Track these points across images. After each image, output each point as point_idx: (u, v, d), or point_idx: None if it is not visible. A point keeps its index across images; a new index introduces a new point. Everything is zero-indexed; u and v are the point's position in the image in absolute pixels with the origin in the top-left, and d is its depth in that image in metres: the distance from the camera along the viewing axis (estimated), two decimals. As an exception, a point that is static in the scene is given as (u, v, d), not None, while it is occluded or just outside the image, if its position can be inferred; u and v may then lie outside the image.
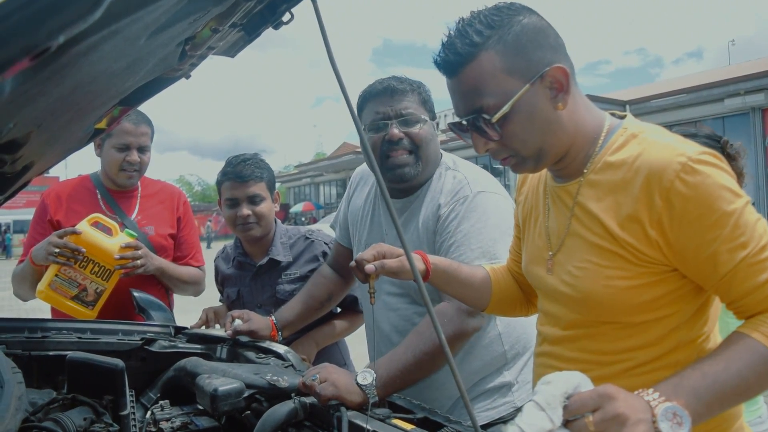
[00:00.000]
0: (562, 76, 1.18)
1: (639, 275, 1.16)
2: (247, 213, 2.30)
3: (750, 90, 18.70)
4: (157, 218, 2.75)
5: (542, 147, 1.22)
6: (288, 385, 1.54)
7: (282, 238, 2.43)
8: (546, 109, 1.19)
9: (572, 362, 1.27)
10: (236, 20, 1.19)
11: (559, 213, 1.30)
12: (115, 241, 2.42)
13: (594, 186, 1.22)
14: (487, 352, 1.82)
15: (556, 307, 1.32)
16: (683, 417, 0.94)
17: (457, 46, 1.18)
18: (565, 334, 1.31)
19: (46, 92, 0.79)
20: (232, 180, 2.31)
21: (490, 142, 1.22)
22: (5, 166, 1.18)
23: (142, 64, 1.13)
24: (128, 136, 2.60)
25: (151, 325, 2.20)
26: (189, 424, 1.64)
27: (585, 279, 1.21)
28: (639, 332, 1.21)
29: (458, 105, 1.24)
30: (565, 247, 1.27)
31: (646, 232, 1.13)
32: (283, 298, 2.32)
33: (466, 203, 1.77)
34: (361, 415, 1.34)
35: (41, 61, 0.57)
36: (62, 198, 2.68)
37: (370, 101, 1.86)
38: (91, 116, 1.39)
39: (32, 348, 1.85)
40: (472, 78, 1.18)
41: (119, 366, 1.48)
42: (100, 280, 2.42)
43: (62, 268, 2.38)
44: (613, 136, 1.23)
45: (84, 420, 1.37)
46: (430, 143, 1.85)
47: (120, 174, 2.65)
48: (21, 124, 0.90)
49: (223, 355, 2.01)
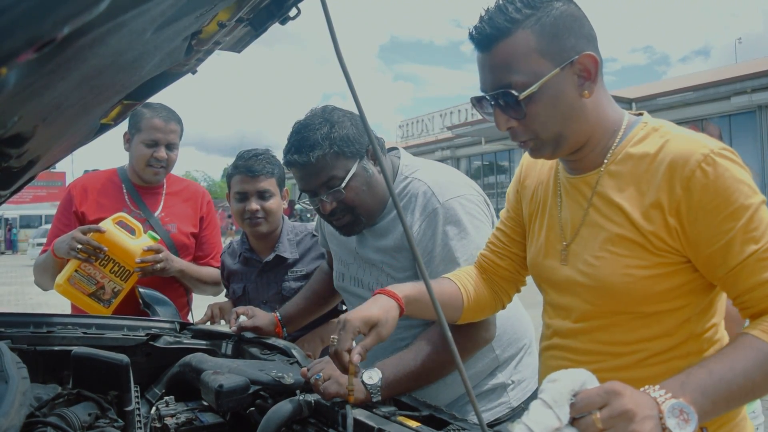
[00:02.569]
0: (591, 65, 1.20)
1: (657, 265, 1.18)
2: (256, 208, 2.30)
3: (757, 88, 18.61)
4: (181, 216, 2.77)
5: (562, 132, 1.23)
6: (293, 382, 1.54)
7: (289, 234, 2.43)
8: (571, 96, 1.20)
9: (585, 354, 1.28)
10: (243, 15, 1.18)
11: (573, 204, 1.31)
12: (137, 242, 2.45)
13: (615, 176, 1.24)
14: (478, 360, 1.79)
15: (569, 299, 1.32)
16: (690, 414, 0.94)
17: (495, 20, 1.19)
18: (577, 327, 1.31)
19: (51, 85, 0.79)
20: (242, 174, 2.30)
21: (512, 120, 1.23)
22: (11, 161, 1.17)
23: (149, 59, 1.13)
24: (157, 132, 2.62)
25: (156, 320, 2.20)
26: (194, 420, 1.64)
27: (603, 268, 1.22)
28: (652, 323, 1.22)
29: (486, 80, 1.24)
30: (581, 237, 1.28)
31: (666, 220, 1.15)
32: (288, 295, 2.32)
33: (438, 217, 1.68)
34: (366, 413, 1.34)
35: (46, 54, 0.56)
36: (88, 190, 2.71)
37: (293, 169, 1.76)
38: (97, 111, 1.39)
39: (37, 343, 1.85)
40: (505, 53, 1.19)
41: (124, 361, 1.48)
42: (118, 279, 2.45)
43: (82, 264, 2.41)
44: (634, 129, 1.25)
45: (89, 415, 1.37)
46: (365, 195, 1.73)
47: (147, 169, 2.66)
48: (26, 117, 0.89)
49: (228, 351, 2.01)
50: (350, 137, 1.70)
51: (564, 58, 1.18)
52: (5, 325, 1.89)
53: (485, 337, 1.67)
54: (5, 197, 1.61)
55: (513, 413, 1.80)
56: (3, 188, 1.49)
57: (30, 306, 11.42)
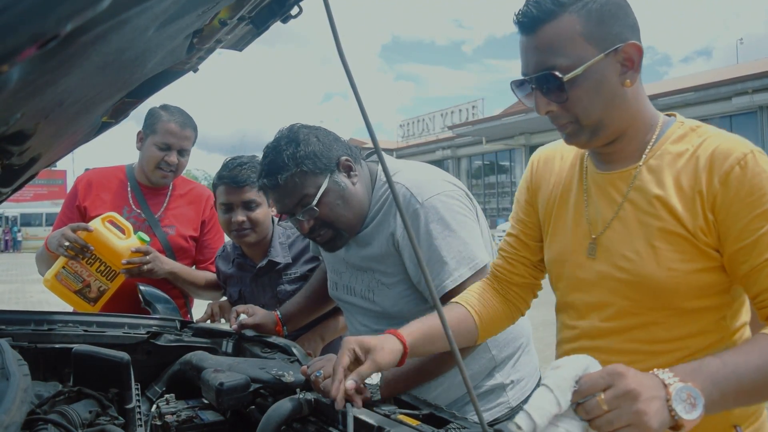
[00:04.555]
0: (635, 54, 1.21)
1: (700, 259, 1.19)
2: (242, 219, 2.25)
3: (758, 89, 18.61)
4: (182, 219, 2.73)
5: (602, 119, 1.23)
6: (293, 380, 1.54)
7: (280, 238, 2.40)
8: (613, 83, 1.21)
9: (622, 354, 1.26)
10: (244, 13, 1.18)
11: (604, 200, 1.31)
12: (125, 243, 2.44)
13: (654, 171, 1.24)
14: (474, 362, 1.77)
15: (602, 296, 1.30)
16: (697, 399, 0.93)
17: (542, 3, 1.20)
18: (612, 325, 1.30)
19: (53, 83, 0.79)
20: (227, 184, 2.25)
21: (553, 104, 1.24)
22: (12, 158, 1.17)
23: (151, 56, 1.13)
24: (171, 137, 2.59)
25: (157, 318, 2.20)
26: (194, 418, 1.64)
27: (645, 263, 1.22)
28: (691, 320, 1.22)
29: (529, 62, 1.25)
30: (613, 231, 1.28)
31: (705, 215, 1.17)
32: (284, 298, 2.30)
33: (419, 218, 1.65)
34: (366, 411, 1.34)
35: (49, 51, 0.56)
36: (93, 185, 2.70)
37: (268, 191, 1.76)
38: (99, 108, 1.39)
39: (38, 340, 1.85)
40: (550, 36, 1.20)
41: (125, 359, 1.48)
42: (104, 279, 2.44)
43: (70, 261, 2.40)
44: (671, 127, 1.27)
45: (89, 413, 1.37)
46: (341, 209, 1.72)
47: (155, 172, 2.64)
48: (28, 114, 0.90)
49: (229, 350, 2.01)
50: (317, 153, 1.69)
51: (609, 45, 1.19)
52: (6, 322, 1.89)
53: None
54: (6, 195, 1.62)
55: (512, 413, 1.80)
56: (4, 186, 1.49)
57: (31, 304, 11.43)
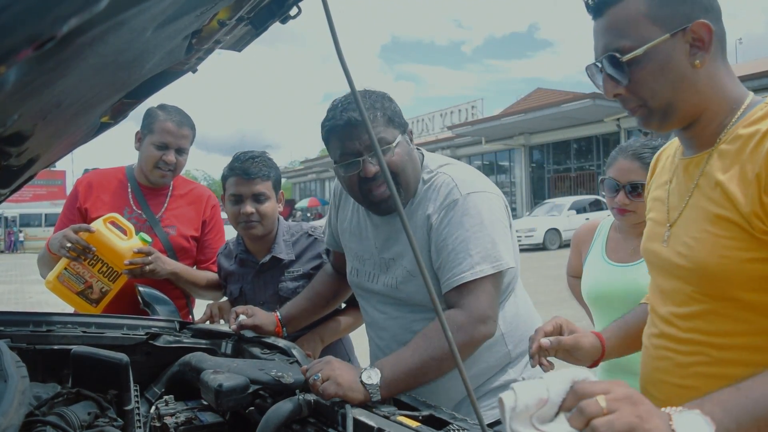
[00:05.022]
0: (705, 33, 1.17)
1: (754, 247, 1.13)
2: (251, 211, 2.28)
3: (757, 88, 18.61)
4: (182, 219, 2.73)
5: (671, 102, 1.21)
6: (293, 381, 1.54)
7: (285, 235, 2.42)
8: (682, 64, 1.18)
9: (685, 344, 1.25)
10: (243, 14, 1.18)
11: (680, 186, 1.30)
12: (127, 244, 2.44)
13: (723, 156, 1.20)
14: (491, 354, 1.79)
15: (672, 283, 1.30)
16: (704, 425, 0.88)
17: None
18: (678, 311, 1.28)
19: (51, 84, 0.79)
20: (238, 176, 2.29)
21: (619, 87, 1.23)
22: (10, 159, 1.17)
23: (149, 57, 1.13)
24: (169, 135, 2.60)
25: (156, 319, 2.20)
26: (193, 419, 1.64)
27: (700, 249, 1.20)
28: (757, 315, 1.17)
29: (597, 45, 1.25)
30: (683, 219, 1.27)
31: (761, 198, 1.11)
32: (285, 295, 2.32)
33: (457, 207, 1.69)
34: (365, 412, 1.34)
35: (46, 52, 0.56)
36: (93, 187, 2.70)
37: (334, 135, 1.74)
38: (98, 109, 1.39)
39: (37, 342, 1.85)
40: (615, 18, 1.20)
41: (124, 360, 1.48)
42: (106, 280, 2.44)
43: (72, 262, 2.41)
44: (753, 109, 1.21)
45: (88, 414, 1.37)
46: (407, 164, 1.75)
47: (154, 171, 2.64)
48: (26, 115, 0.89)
49: (228, 351, 2.00)
50: (397, 112, 1.78)
51: (676, 25, 1.16)
52: (5, 323, 1.89)
53: (482, 332, 1.62)
54: (5, 196, 1.61)
55: None
56: (3, 187, 1.49)
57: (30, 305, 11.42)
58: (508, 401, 0.88)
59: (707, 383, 1.12)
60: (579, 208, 20.03)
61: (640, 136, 2.17)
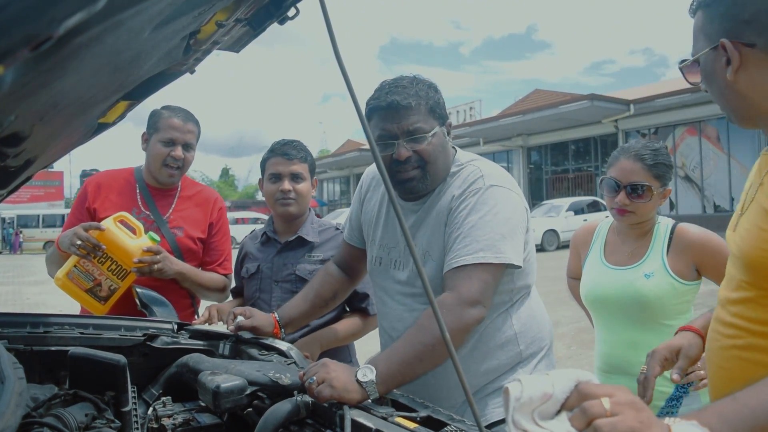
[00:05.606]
0: (731, 51, 1.23)
1: None
2: (289, 188, 2.47)
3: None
4: (189, 221, 2.77)
5: (724, 106, 1.33)
6: (290, 383, 1.54)
7: (313, 223, 2.58)
8: (720, 76, 1.28)
9: (727, 326, 1.34)
10: (241, 15, 1.18)
11: (754, 179, 1.38)
12: (136, 242, 2.47)
13: None
14: (503, 352, 1.83)
15: (730, 268, 1.39)
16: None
17: None
18: (730, 297, 1.36)
19: (48, 84, 0.78)
20: (278, 156, 2.50)
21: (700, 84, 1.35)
22: (7, 160, 1.17)
23: (146, 58, 1.12)
24: (174, 131, 2.65)
25: (154, 321, 2.19)
26: (191, 421, 1.64)
27: (749, 240, 1.27)
28: None
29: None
30: (748, 210, 1.34)
31: None
32: (302, 275, 2.43)
33: (478, 195, 1.75)
34: (364, 413, 1.33)
35: (43, 52, 0.56)
36: (102, 187, 2.74)
37: (376, 114, 1.81)
38: (95, 110, 1.38)
39: (34, 343, 1.85)
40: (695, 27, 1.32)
41: (121, 362, 1.47)
42: (115, 278, 2.48)
43: (81, 260, 2.44)
44: None
45: (86, 416, 1.37)
46: (439, 155, 1.82)
47: (162, 170, 2.68)
48: (23, 116, 0.89)
49: (226, 352, 2.00)
50: (440, 104, 1.85)
51: (713, 41, 1.26)
52: (2, 324, 1.88)
53: (472, 314, 1.62)
54: (2, 197, 1.61)
55: None
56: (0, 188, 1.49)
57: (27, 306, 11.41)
58: (514, 391, 0.89)
59: (742, 367, 1.24)
60: (577, 210, 20.07)
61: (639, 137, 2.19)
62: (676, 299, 2.16)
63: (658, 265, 2.17)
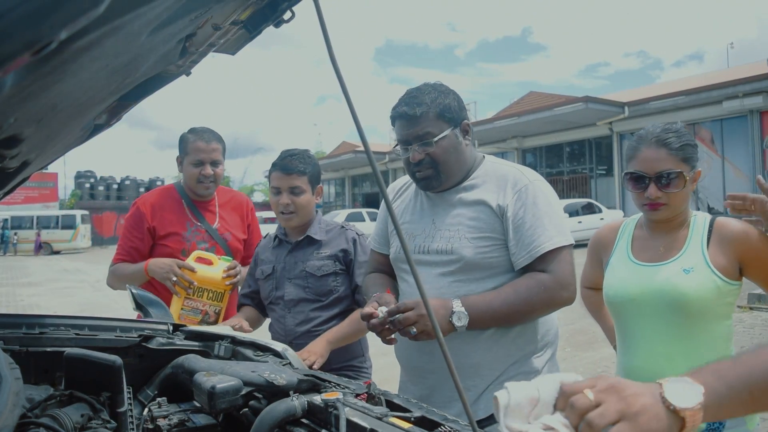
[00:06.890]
0: None
1: None
2: (287, 202, 2.60)
3: (748, 93, 18.72)
4: (233, 225, 3.19)
5: None
6: (286, 383, 1.54)
7: (320, 223, 2.72)
8: None
9: None
10: (237, 18, 1.19)
11: None
12: (217, 269, 2.87)
13: None
14: (521, 338, 1.98)
15: None
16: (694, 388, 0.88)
17: None
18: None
19: (47, 88, 0.79)
20: (278, 170, 2.63)
21: None
22: (5, 162, 1.18)
23: (143, 61, 1.13)
24: (201, 153, 3.02)
25: (149, 322, 2.20)
26: (186, 422, 1.64)
27: None
28: None
29: None
30: None
31: None
32: (311, 272, 2.57)
33: (528, 191, 1.96)
34: (359, 413, 1.34)
35: (43, 57, 0.57)
36: (156, 207, 3.08)
37: (396, 122, 2.05)
38: (92, 112, 1.39)
39: (30, 344, 1.85)
40: None
41: (117, 362, 1.47)
42: (215, 302, 2.88)
43: (185, 300, 2.82)
44: None
45: (81, 416, 1.37)
46: (451, 154, 2.01)
47: (198, 186, 3.06)
48: (21, 119, 0.90)
49: (221, 353, 2.01)
50: (450, 107, 2.02)
51: None
52: (-3, 326, 1.88)
53: (564, 296, 1.89)
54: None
55: None
56: (-4, 189, 1.49)
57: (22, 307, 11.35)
58: (502, 399, 0.93)
59: None
60: (572, 212, 20.08)
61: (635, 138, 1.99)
62: (719, 299, 1.87)
63: (698, 260, 1.89)
